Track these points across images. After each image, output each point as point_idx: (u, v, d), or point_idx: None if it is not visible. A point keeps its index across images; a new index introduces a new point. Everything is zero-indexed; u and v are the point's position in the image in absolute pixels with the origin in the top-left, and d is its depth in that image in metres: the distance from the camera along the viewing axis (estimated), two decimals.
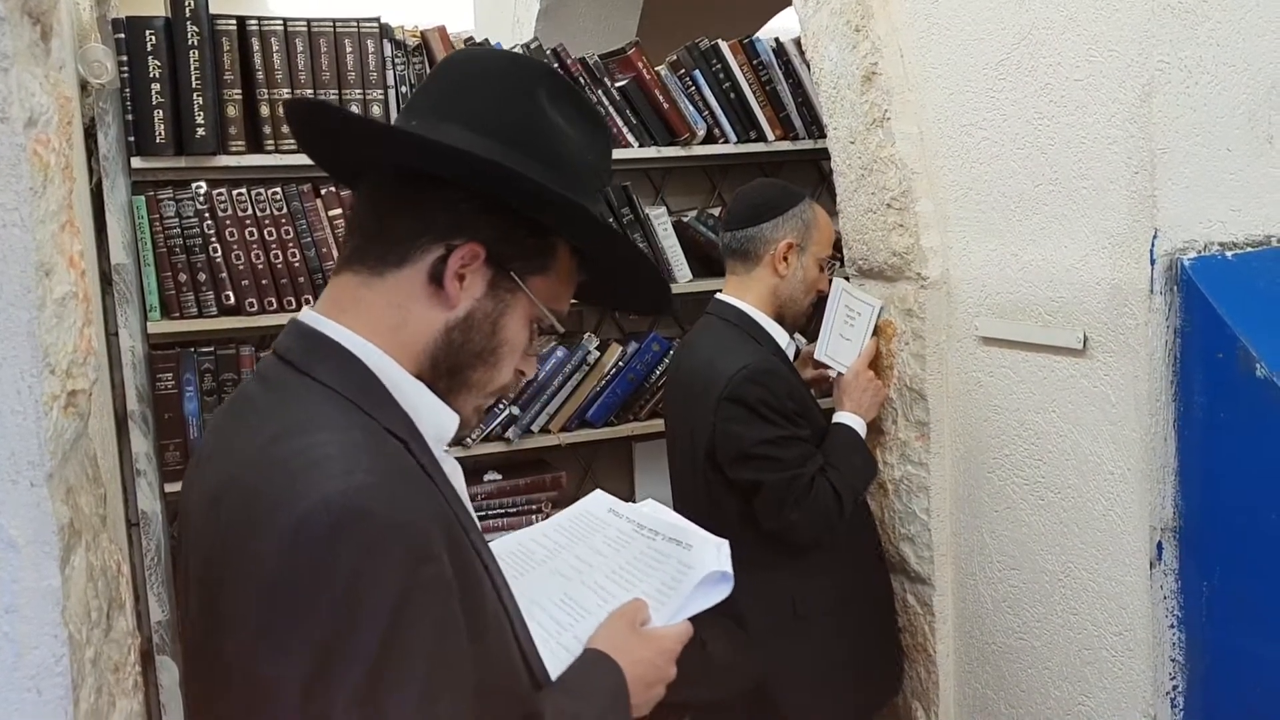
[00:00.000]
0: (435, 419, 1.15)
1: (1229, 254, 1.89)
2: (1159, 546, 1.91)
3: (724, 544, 1.32)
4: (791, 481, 2.26)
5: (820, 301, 2.53)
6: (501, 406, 2.92)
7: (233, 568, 0.99)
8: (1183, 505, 1.90)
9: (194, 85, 2.55)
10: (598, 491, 1.58)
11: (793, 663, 2.32)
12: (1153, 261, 1.86)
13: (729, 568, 1.29)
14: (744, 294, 2.47)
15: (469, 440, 2.89)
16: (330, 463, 0.98)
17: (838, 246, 2.63)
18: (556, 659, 1.22)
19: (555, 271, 1.19)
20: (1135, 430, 1.92)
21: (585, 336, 3.02)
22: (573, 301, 1.27)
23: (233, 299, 2.63)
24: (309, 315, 1.14)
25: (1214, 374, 1.82)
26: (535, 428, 2.98)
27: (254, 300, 2.63)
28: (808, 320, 2.56)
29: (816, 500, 2.26)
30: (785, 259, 2.44)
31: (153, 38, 2.52)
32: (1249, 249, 1.91)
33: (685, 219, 3.16)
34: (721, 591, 1.29)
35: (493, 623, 1.11)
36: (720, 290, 2.53)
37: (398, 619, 0.95)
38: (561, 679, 1.18)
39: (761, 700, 2.29)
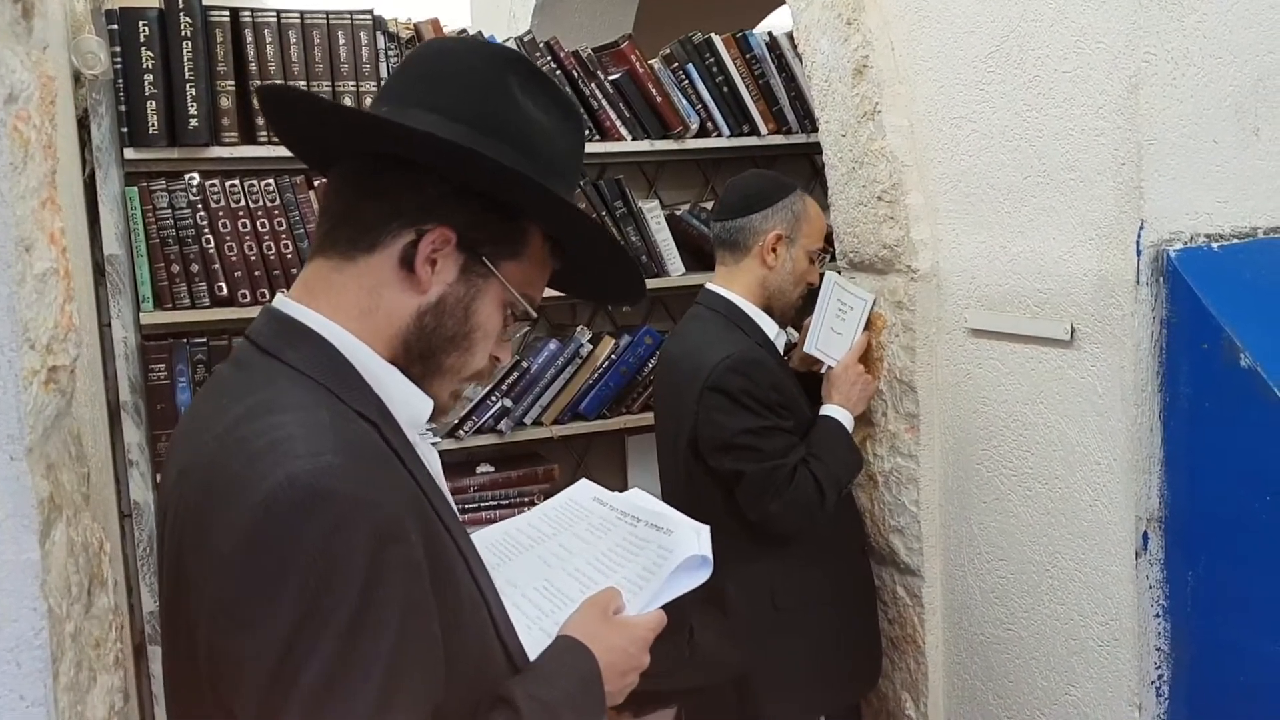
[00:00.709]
0: (408, 403, 1.15)
1: (1215, 245, 1.89)
2: (1145, 537, 1.92)
3: (704, 529, 1.32)
4: (772, 472, 2.26)
5: (811, 294, 2.54)
6: (494, 399, 2.93)
7: (197, 546, 0.99)
8: (1168, 495, 1.90)
9: (187, 76, 2.56)
10: (583, 480, 1.59)
11: (771, 653, 2.33)
12: (1139, 253, 1.86)
13: (709, 552, 1.29)
14: (732, 284, 2.48)
15: (461, 432, 2.90)
16: (294, 442, 0.98)
17: (830, 239, 2.63)
18: (538, 644, 1.22)
19: (528, 257, 1.19)
20: (1121, 421, 1.92)
21: (578, 329, 3.03)
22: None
23: (225, 290, 2.63)
24: (282, 301, 1.14)
25: (1199, 365, 1.83)
26: (528, 420, 2.99)
27: (246, 291, 2.64)
28: (798, 313, 2.56)
29: (797, 491, 2.27)
30: (774, 250, 2.44)
31: (146, 29, 2.53)
32: (1235, 240, 1.91)
33: (678, 212, 3.16)
34: (701, 576, 1.29)
35: (467, 606, 1.11)
36: (711, 281, 2.54)
37: (366, 598, 0.95)
38: (534, 664, 1.18)
39: (742, 689, 2.30)
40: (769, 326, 2.47)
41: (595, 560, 1.35)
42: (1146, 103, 1.83)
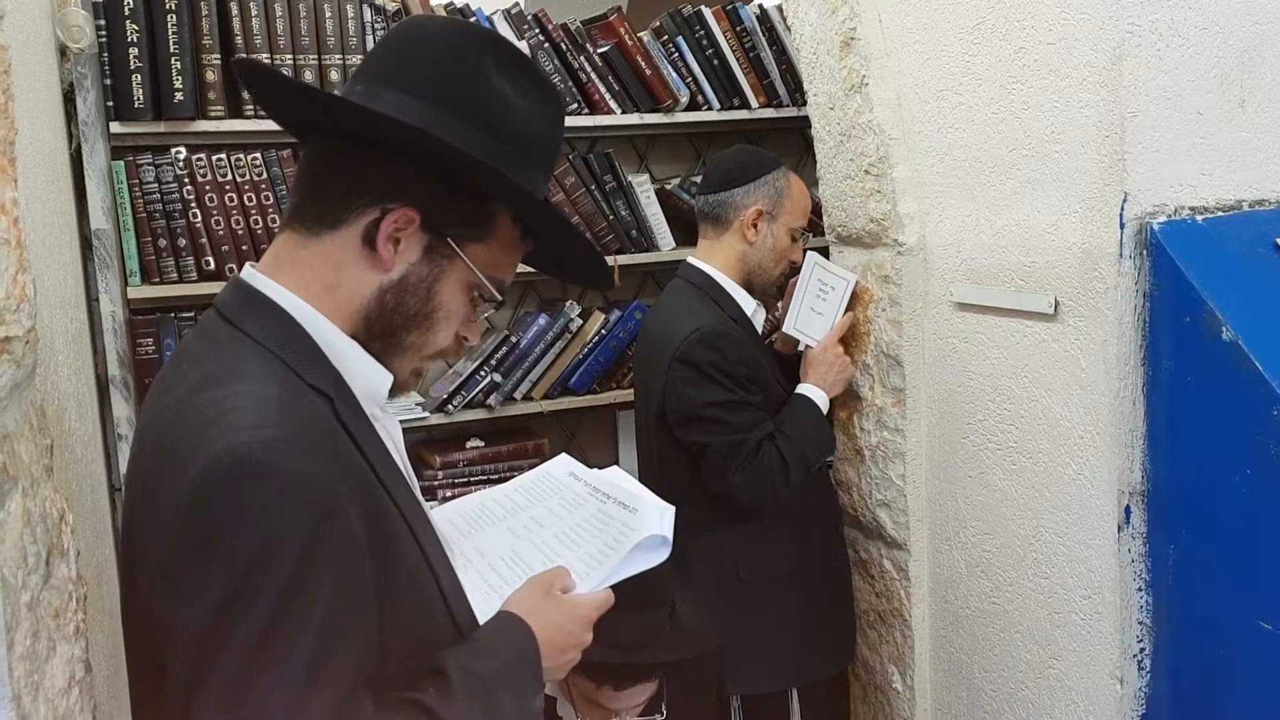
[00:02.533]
0: (367, 378, 1.15)
1: (1199, 218, 1.88)
2: (1127, 510, 1.92)
3: (669, 509, 1.33)
4: (737, 445, 2.27)
5: (794, 273, 2.53)
6: (484, 373, 2.92)
7: (144, 510, 1.02)
8: (1151, 469, 1.90)
9: (172, 50, 2.54)
10: (563, 455, 1.59)
11: (736, 624, 2.34)
12: (1122, 226, 1.85)
13: (669, 533, 1.29)
14: (712, 258, 2.48)
15: (451, 407, 2.90)
16: (239, 414, 1.00)
17: (817, 214, 2.63)
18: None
19: (496, 239, 1.19)
20: (1105, 394, 1.92)
21: (567, 304, 3.02)
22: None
23: (213, 264, 2.63)
24: (249, 273, 1.16)
25: (1182, 338, 1.83)
26: (518, 395, 2.98)
27: (234, 265, 2.63)
28: (779, 290, 2.57)
29: (761, 466, 2.27)
30: (754, 225, 2.44)
31: (130, 2, 2.51)
32: (1220, 213, 1.90)
33: (668, 186, 3.15)
34: (659, 556, 1.29)
35: (411, 577, 1.12)
36: (692, 255, 2.54)
37: (299, 569, 0.97)
38: (472, 638, 1.18)
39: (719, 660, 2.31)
40: (746, 302, 2.47)
41: (562, 535, 1.35)
42: (1130, 74, 1.82)
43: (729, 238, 2.47)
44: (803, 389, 2.42)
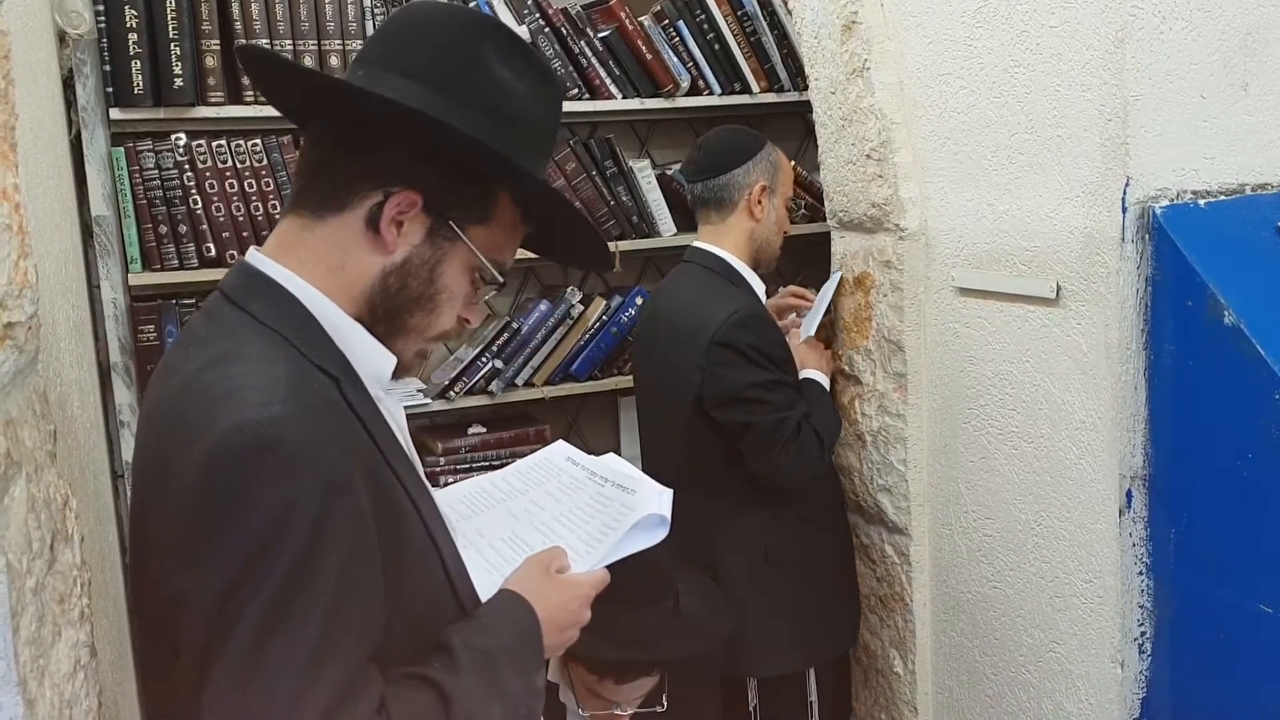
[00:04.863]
0: (372, 360, 1.17)
1: (1202, 202, 1.88)
2: (1128, 494, 1.92)
3: (668, 491, 1.35)
4: (780, 424, 2.29)
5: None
6: (485, 360, 2.92)
7: (156, 489, 1.02)
8: (1152, 453, 1.90)
9: (171, 36, 2.54)
10: (560, 441, 1.62)
11: (763, 607, 2.36)
12: (1124, 210, 1.85)
13: (667, 513, 1.31)
14: (721, 241, 2.49)
15: (452, 393, 2.90)
16: (248, 392, 1.01)
17: (810, 193, 2.65)
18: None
19: (497, 221, 1.20)
20: (1106, 379, 1.92)
21: (568, 290, 3.02)
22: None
23: (213, 251, 2.63)
24: (254, 256, 1.17)
25: (1184, 322, 1.83)
26: (519, 381, 2.99)
27: (235, 252, 2.63)
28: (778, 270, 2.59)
29: (803, 444, 2.30)
30: (760, 202, 2.47)
31: None
32: (1222, 197, 1.90)
33: (669, 172, 3.15)
34: (656, 536, 1.31)
35: (417, 555, 1.14)
36: (695, 239, 2.55)
37: (310, 545, 0.98)
38: (475, 615, 1.20)
39: (732, 646, 2.32)
40: (758, 286, 2.50)
41: (561, 516, 1.38)
42: (1133, 57, 1.81)
43: (735, 218, 2.48)
44: (807, 373, 2.45)
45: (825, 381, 2.47)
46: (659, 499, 1.32)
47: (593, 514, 1.36)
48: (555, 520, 1.37)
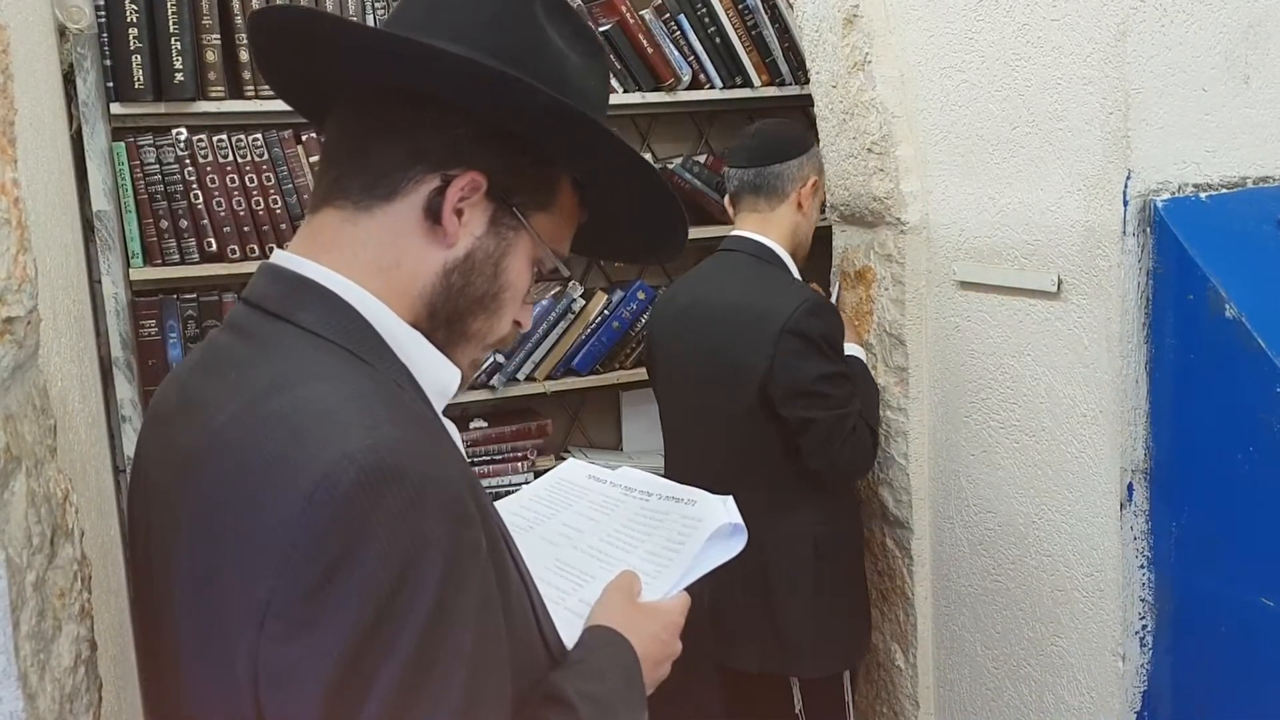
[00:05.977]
0: (435, 374, 1.01)
1: (1203, 195, 1.88)
2: (1130, 488, 1.92)
3: (728, 498, 1.25)
4: (841, 420, 2.24)
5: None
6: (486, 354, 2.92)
7: (230, 544, 0.85)
8: (1153, 446, 1.90)
9: (172, 30, 2.54)
10: (571, 460, 1.51)
11: (816, 605, 2.33)
12: (1125, 203, 1.85)
13: (739, 519, 1.22)
14: (767, 230, 2.43)
15: None
16: (343, 414, 0.86)
17: None
18: (569, 626, 1.12)
19: (558, 208, 1.06)
20: (1107, 372, 1.92)
21: (570, 284, 3.02)
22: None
23: (214, 246, 2.63)
24: (284, 257, 1.00)
25: (1185, 316, 1.82)
26: (521, 376, 2.99)
27: (235, 247, 2.64)
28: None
29: (860, 439, 2.27)
30: (810, 197, 2.45)
31: None
32: (1224, 190, 1.90)
33: (670, 165, 3.14)
34: (735, 546, 1.21)
35: (515, 593, 1.00)
36: (735, 228, 2.47)
37: (444, 589, 0.84)
38: (576, 658, 1.07)
39: (780, 639, 2.32)
40: (799, 277, 2.45)
41: (610, 536, 1.27)
42: (1134, 50, 1.81)
43: (784, 209, 2.43)
44: (852, 349, 2.40)
45: (864, 356, 2.43)
46: (724, 507, 1.22)
47: (649, 530, 1.25)
48: (604, 542, 1.26)
